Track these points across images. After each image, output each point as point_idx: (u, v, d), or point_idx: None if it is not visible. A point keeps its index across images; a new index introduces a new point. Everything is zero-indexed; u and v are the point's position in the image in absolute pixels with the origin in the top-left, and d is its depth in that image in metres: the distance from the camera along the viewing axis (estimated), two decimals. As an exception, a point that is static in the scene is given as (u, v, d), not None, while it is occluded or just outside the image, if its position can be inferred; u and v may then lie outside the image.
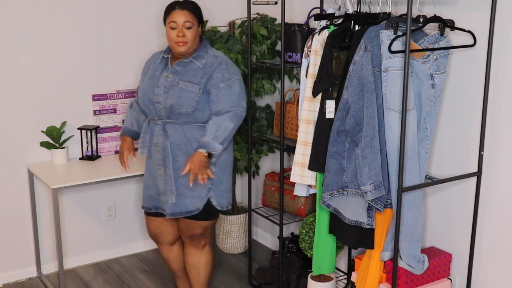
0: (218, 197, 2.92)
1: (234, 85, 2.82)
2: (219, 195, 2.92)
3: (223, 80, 2.79)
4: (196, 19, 2.82)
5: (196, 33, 2.82)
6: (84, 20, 3.54)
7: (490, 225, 2.66)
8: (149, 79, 2.93)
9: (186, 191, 2.87)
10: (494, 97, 2.55)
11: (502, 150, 2.56)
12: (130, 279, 3.65)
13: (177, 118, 2.84)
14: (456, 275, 2.83)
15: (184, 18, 2.77)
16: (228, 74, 2.82)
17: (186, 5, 2.82)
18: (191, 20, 2.78)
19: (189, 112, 2.80)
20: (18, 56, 3.38)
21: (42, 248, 3.66)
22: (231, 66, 2.87)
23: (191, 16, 2.79)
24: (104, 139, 3.73)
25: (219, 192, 2.92)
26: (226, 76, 2.81)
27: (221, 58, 2.86)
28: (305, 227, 3.13)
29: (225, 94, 2.80)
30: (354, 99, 2.50)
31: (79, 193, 3.73)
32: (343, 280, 3.39)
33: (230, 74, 2.82)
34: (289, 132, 3.24)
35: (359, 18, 2.69)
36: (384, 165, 2.52)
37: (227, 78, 2.80)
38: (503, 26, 2.46)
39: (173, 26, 2.78)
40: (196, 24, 2.82)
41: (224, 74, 2.80)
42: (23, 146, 3.49)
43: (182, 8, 2.79)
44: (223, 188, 2.94)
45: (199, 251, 3.06)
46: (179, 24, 2.76)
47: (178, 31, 2.77)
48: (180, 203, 2.88)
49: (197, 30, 2.83)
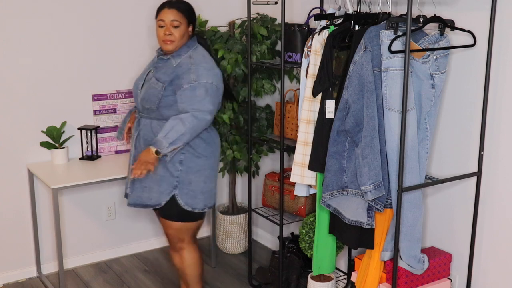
0: (186, 197, 2.88)
1: (199, 87, 2.78)
2: (189, 195, 2.89)
3: (188, 82, 2.78)
4: (185, 19, 2.84)
5: (184, 33, 2.85)
6: (84, 20, 3.54)
7: (490, 225, 2.66)
8: (141, 72, 3.05)
9: (152, 185, 2.89)
10: (494, 97, 2.55)
11: (502, 150, 2.56)
12: (130, 279, 3.65)
13: (148, 113, 2.90)
14: (456, 275, 2.83)
15: (171, 17, 2.81)
16: (195, 77, 2.79)
17: (176, 4, 2.85)
18: (179, 19, 2.82)
19: (153, 108, 2.85)
20: (18, 56, 3.38)
21: (42, 248, 3.66)
22: (202, 68, 2.81)
23: (179, 15, 2.82)
24: (104, 139, 3.73)
25: (189, 192, 2.89)
26: (192, 78, 2.78)
27: (195, 59, 2.84)
28: (305, 227, 3.13)
29: (187, 95, 2.78)
30: (354, 99, 2.50)
31: (79, 193, 3.73)
32: (343, 280, 3.39)
33: (197, 77, 2.79)
34: (289, 132, 3.24)
35: (359, 18, 2.69)
36: (384, 165, 2.52)
37: (193, 80, 2.78)
38: (503, 26, 2.46)
39: (161, 25, 2.84)
40: (184, 23, 2.84)
41: (191, 76, 2.79)
42: (23, 146, 3.49)
43: (170, 7, 2.84)
44: (194, 189, 2.89)
45: (178, 254, 3.05)
46: (166, 23, 2.82)
47: (165, 29, 2.83)
48: (144, 196, 2.92)
49: (185, 30, 2.85)
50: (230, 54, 3.48)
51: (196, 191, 2.90)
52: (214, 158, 2.97)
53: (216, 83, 2.83)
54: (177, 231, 2.97)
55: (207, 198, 2.96)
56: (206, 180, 2.94)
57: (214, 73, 2.84)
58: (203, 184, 2.92)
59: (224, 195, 4.24)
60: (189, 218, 2.96)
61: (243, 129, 3.73)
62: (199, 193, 2.91)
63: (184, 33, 2.85)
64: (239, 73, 3.55)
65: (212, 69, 2.85)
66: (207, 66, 2.84)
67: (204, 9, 3.80)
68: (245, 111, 3.70)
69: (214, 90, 2.82)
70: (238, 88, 3.65)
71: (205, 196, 2.95)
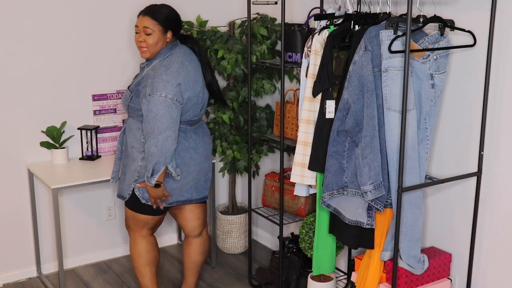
0: (143, 190, 2.94)
1: (152, 101, 2.74)
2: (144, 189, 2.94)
3: (144, 95, 2.79)
4: (160, 27, 2.82)
5: (157, 40, 2.83)
6: (84, 20, 3.54)
7: (490, 225, 2.66)
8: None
9: (125, 178, 3.01)
10: (494, 97, 2.55)
11: (502, 150, 2.56)
12: (130, 279, 3.65)
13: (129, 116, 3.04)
14: (456, 275, 2.83)
15: (143, 24, 2.83)
16: (150, 90, 2.76)
17: (150, 12, 2.83)
18: (152, 27, 2.81)
19: (126, 112, 3.04)
20: (18, 56, 3.38)
21: (42, 248, 3.66)
22: (159, 80, 2.75)
23: (152, 23, 2.81)
24: (104, 139, 3.73)
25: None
26: (148, 91, 2.77)
27: (156, 71, 2.80)
28: (305, 227, 3.13)
29: (144, 109, 2.78)
30: (354, 99, 2.50)
31: (79, 193, 3.73)
32: (343, 280, 3.39)
33: (151, 90, 2.75)
34: (289, 132, 3.24)
35: (359, 18, 2.69)
36: (384, 165, 2.52)
37: (147, 93, 2.77)
38: (503, 26, 2.46)
39: (136, 30, 2.89)
40: (158, 31, 2.82)
41: (147, 89, 2.78)
42: (23, 146, 3.49)
43: (144, 14, 2.85)
44: None
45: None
46: (140, 29, 2.85)
47: (139, 36, 2.86)
48: (120, 187, 3.06)
49: (159, 37, 2.83)
50: (230, 54, 3.48)
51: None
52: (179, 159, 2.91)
53: (171, 96, 2.75)
54: (128, 218, 3.11)
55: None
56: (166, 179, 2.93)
57: (172, 85, 2.75)
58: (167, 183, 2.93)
59: (224, 195, 4.24)
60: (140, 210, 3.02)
61: (243, 129, 3.73)
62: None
63: (158, 41, 2.84)
64: (239, 73, 3.55)
65: (171, 80, 2.76)
66: (166, 78, 2.76)
67: (204, 9, 3.80)
68: (245, 111, 3.70)
69: (169, 104, 2.74)
70: (238, 88, 3.65)
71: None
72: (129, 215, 3.08)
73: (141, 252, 3.11)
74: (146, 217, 3.04)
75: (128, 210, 3.07)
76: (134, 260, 3.15)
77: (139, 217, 3.04)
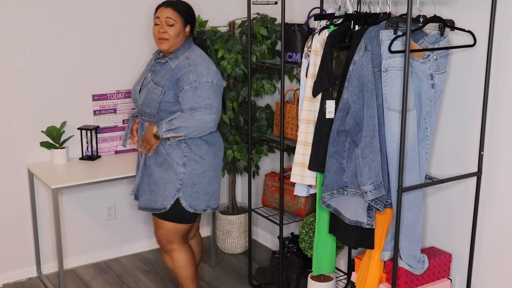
0: (190, 199, 2.88)
1: (200, 87, 2.77)
2: (192, 196, 2.88)
3: (188, 83, 2.77)
4: (181, 18, 2.84)
5: (179, 32, 2.83)
6: (84, 20, 3.54)
7: (490, 225, 2.66)
8: (139, 77, 3.03)
9: (157, 189, 2.89)
10: (494, 97, 2.55)
11: (502, 150, 2.56)
12: (130, 279, 3.65)
13: (148, 117, 2.90)
14: (456, 275, 2.83)
15: (166, 14, 2.82)
16: (195, 76, 2.78)
17: (172, 3, 2.86)
18: (174, 17, 2.82)
19: (153, 113, 2.84)
20: (18, 56, 3.38)
21: (42, 248, 3.66)
22: (201, 67, 2.80)
23: (175, 14, 2.82)
24: (104, 139, 3.73)
25: (193, 194, 2.88)
26: (192, 78, 2.77)
27: (192, 60, 2.82)
28: (305, 227, 3.13)
29: (189, 95, 2.77)
30: (354, 99, 2.50)
31: (79, 193, 3.73)
32: (343, 280, 3.39)
33: (197, 76, 2.78)
34: (289, 132, 3.24)
35: (359, 18, 2.70)
36: (384, 165, 2.52)
37: (192, 80, 2.77)
38: (503, 26, 2.46)
39: (156, 22, 2.85)
40: (179, 23, 2.83)
41: (190, 77, 2.77)
42: (23, 146, 3.49)
43: (167, 5, 2.85)
44: (199, 190, 2.89)
45: (169, 256, 3.04)
46: (161, 20, 2.83)
47: (160, 27, 2.83)
48: (151, 199, 2.92)
49: (180, 29, 2.83)
50: (230, 54, 3.48)
51: (199, 193, 2.90)
52: (217, 159, 2.96)
53: (216, 81, 2.83)
54: (168, 233, 2.96)
55: (210, 199, 2.96)
56: (210, 181, 2.93)
57: (213, 72, 2.84)
58: (206, 185, 2.92)
59: (224, 195, 4.24)
60: (185, 220, 2.95)
61: (243, 129, 3.73)
62: (203, 194, 2.91)
63: (179, 33, 2.84)
64: (239, 73, 3.55)
65: (211, 67, 2.84)
66: (205, 64, 2.83)
67: (204, 9, 3.80)
68: (245, 111, 3.70)
69: (216, 88, 2.82)
70: (238, 88, 3.65)
71: (209, 197, 2.95)
72: (170, 228, 2.94)
73: (191, 260, 3.05)
74: (189, 226, 2.99)
75: (167, 223, 2.93)
76: (186, 270, 3.04)
77: (182, 228, 2.96)
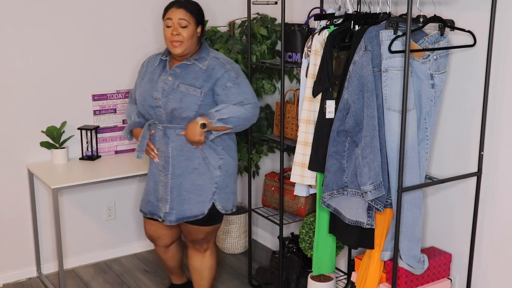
0: (223, 201, 2.89)
1: (242, 82, 2.80)
2: (225, 198, 2.89)
3: (230, 80, 2.76)
4: (194, 19, 2.77)
5: (193, 34, 2.76)
6: (84, 20, 3.54)
7: (490, 225, 2.66)
8: (147, 83, 2.88)
9: (191, 196, 2.83)
10: (494, 97, 2.55)
11: (502, 150, 2.56)
12: (130, 279, 3.65)
13: (179, 123, 2.79)
14: (456, 275, 2.83)
15: (179, 16, 2.73)
16: (235, 74, 2.79)
17: (184, 4, 2.77)
18: (187, 19, 2.73)
19: (191, 116, 2.75)
20: (18, 56, 3.38)
21: (42, 248, 3.66)
22: (235, 66, 2.85)
23: (188, 15, 2.74)
24: (104, 139, 3.73)
25: (225, 195, 2.89)
26: (232, 75, 2.77)
27: (223, 59, 2.83)
28: (305, 227, 3.13)
29: (235, 92, 2.77)
30: (354, 99, 2.50)
31: (79, 193, 3.73)
32: (343, 280, 3.39)
33: (236, 74, 2.80)
34: (289, 132, 3.24)
35: (359, 18, 2.69)
36: (384, 165, 2.52)
37: (234, 77, 2.77)
38: (503, 26, 2.46)
39: (168, 24, 2.75)
40: (192, 24, 2.76)
41: (230, 74, 2.77)
42: (23, 146, 3.49)
43: (179, 6, 2.76)
44: (229, 191, 2.91)
45: (201, 255, 3.04)
46: (174, 22, 2.73)
47: (173, 29, 2.73)
48: (185, 208, 2.85)
49: (193, 31, 2.77)
50: (230, 54, 3.48)
51: (229, 193, 2.92)
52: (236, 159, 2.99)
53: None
54: (206, 234, 2.96)
55: (235, 198, 2.98)
56: (235, 181, 2.97)
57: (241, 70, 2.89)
58: (233, 185, 2.95)
59: (224, 195, 4.24)
60: (219, 220, 2.98)
61: (243, 129, 3.73)
62: (231, 194, 2.94)
63: (193, 34, 2.76)
64: (239, 73, 3.55)
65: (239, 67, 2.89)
66: (236, 64, 2.88)
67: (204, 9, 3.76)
68: (245, 111, 3.69)
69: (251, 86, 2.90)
70: (238, 88, 3.65)
71: (234, 197, 2.97)
72: (210, 231, 2.96)
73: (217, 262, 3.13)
74: (219, 225, 3.02)
75: (203, 228, 2.91)
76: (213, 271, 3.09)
77: (218, 227, 3.01)
